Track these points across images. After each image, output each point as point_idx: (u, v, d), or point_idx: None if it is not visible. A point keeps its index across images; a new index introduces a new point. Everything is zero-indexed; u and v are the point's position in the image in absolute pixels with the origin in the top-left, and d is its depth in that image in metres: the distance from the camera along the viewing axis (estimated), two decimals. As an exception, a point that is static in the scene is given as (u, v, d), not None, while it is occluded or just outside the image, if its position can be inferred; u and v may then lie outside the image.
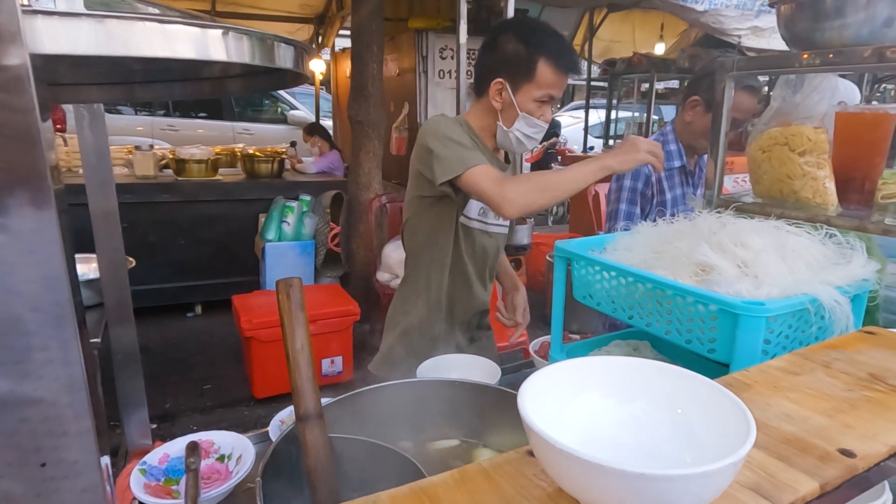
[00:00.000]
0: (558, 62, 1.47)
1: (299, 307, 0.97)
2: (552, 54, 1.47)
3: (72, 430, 0.29)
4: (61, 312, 0.28)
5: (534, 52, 1.47)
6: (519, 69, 1.49)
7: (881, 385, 0.68)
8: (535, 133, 1.56)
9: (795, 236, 1.06)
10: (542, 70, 1.47)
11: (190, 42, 0.48)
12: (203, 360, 3.94)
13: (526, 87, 1.50)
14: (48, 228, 0.27)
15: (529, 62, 1.47)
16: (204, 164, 4.58)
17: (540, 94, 1.50)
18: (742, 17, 4.32)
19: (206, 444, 1.21)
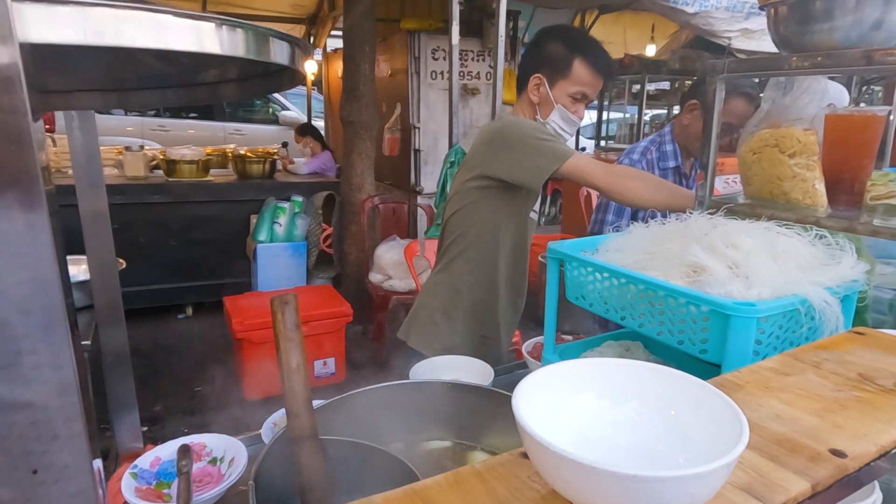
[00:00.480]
0: (594, 63, 1.63)
1: (294, 327, 0.97)
2: (588, 55, 1.63)
3: (63, 434, 0.29)
4: (52, 315, 0.28)
5: (571, 52, 1.63)
6: (557, 66, 1.65)
7: (870, 385, 0.68)
8: (569, 127, 1.71)
9: (786, 237, 1.07)
10: (577, 68, 1.63)
11: (183, 34, 0.47)
12: (194, 361, 3.92)
13: (562, 83, 1.65)
14: (39, 230, 0.27)
15: (567, 60, 1.63)
16: (195, 165, 4.55)
17: (574, 91, 1.65)
18: (732, 19, 4.35)
19: (197, 447, 1.20)
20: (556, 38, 1.69)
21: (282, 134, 8.29)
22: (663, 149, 2.10)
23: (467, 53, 5.04)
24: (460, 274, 1.82)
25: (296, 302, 1.02)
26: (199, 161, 4.59)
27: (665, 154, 2.10)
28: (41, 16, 0.33)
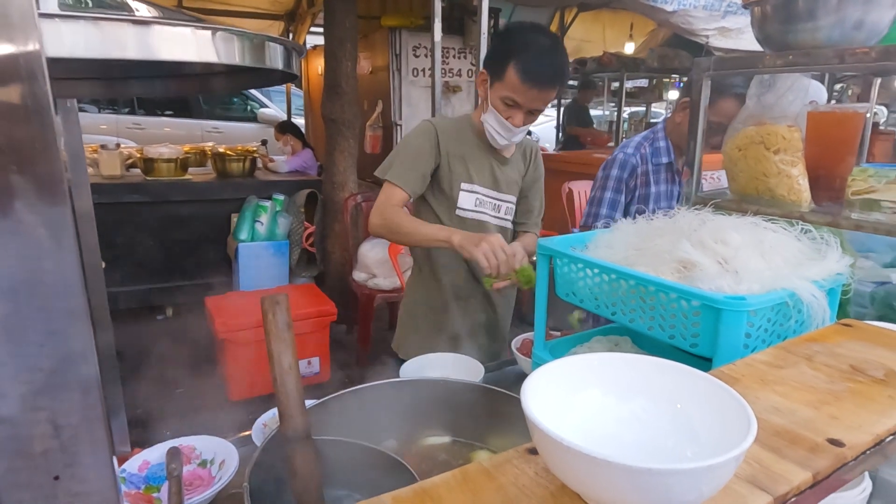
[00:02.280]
0: (523, 70, 1.50)
1: (286, 327, 0.96)
2: (521, 60, 1.50)
3: (85, 437, 0.28)
4: (77, 312, 0.27)
5: (506, 55, 1.53)
6: (496, 66, 1.57)
7: (862, 376, 0.70)
8: (505, 132, 1.61)
9: (773, 232, 1.09)
10: (509, 73, 1.52)
11: (181, 44, 0.46)
12: (175, 363, 3.85)
13: (497, 85, 1.58)
14: (63, 226, 0.26)
15: (504, 62, 1.54)
16: (173, 164, 4.48)
17: (504, 95, 1.56)
18: (710, 18, 4.42)
19: (187, 450, 1.19)
20: (502, 37, 1.64)
21: (261, 132, 8.19)
22: (656, 145, 2.14)
23: (449, 51, 5.04)
24: (413, 277, 1.88)
25: (287, 301, 1.01)
26: (178, 159, 4.51)
27: (658, 150, 2.13)
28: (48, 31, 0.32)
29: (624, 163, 2.14)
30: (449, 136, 1.69)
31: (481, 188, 1.75)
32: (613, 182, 2.15)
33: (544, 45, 1.54)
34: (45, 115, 0.25)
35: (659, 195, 2.16)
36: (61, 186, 0.26)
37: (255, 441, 1.23)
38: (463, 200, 1.73)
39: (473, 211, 1.75)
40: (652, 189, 2.15)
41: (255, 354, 3.20)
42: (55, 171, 0.25)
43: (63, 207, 0.26)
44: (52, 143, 0.25)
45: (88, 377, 0.28)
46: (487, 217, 1.78)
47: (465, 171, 1.71)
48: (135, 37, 0.41)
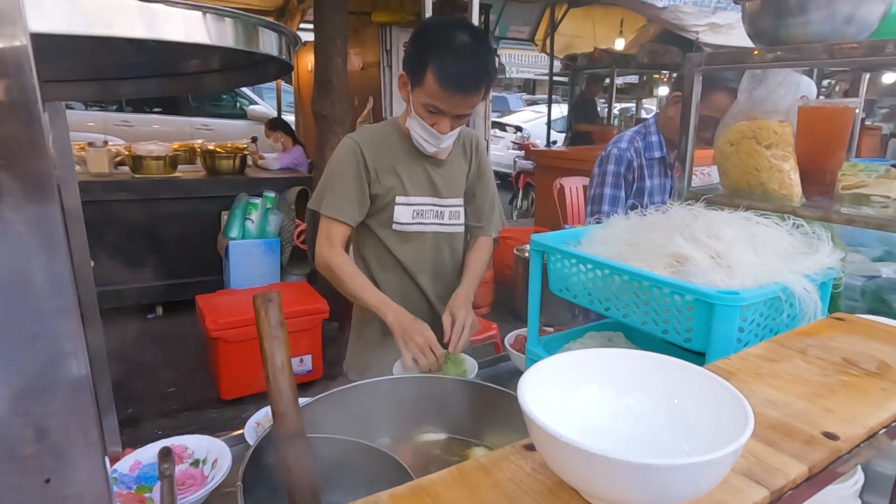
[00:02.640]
0: (442, 74, 1.36)
1: (278, 324, 0.95)
2: (438, 66, 1.37)
3: (77, 440, 0.27)
4: (67, 311, 0.26)
5: (424, 58, 1.39)
6: (414, 70, 1.43)
7: (855, 369, 0.70)
8: (431, 139, 1.50)
9: (765, 227, 1.10)
10: (428, 79, 1.39)
11: (170, 23, 0.45)
12: (166, 362, 3.83)
13: (418, 91, 1.44)
14: (52, 222, 0.25)
15: (422, 66, 1.40)
16: (162, 161, 4.44)
17: (426, 103, 1.43)
18: (700, 14, 4.43)
19: (179, 450, 1.18)
20: (418, 37, 1.45)
21: (250, 129, 8.14)
22: (649, 139, 2.14)
23: (440, 47, 5.01)
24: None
25: (279, 299, 1.01)
26: (167, 157, 4.48)
27: (650, 145, 2.13)
28: (31, 5, 0.31)
29: (619, 157, 2.13)
30: (375, 150, 1.56)
31: (418, 198, 1.61)
32: (612, 178, 2.13)
33: (464, 46, 1.38)
34: (33, 110, 0.24)
35: (653, 189, 2.16)
36: (50, 183, 0.25)
37: (247, 440, 1.23)
38: (399, 214, 1.60)
39: (412, 224, 1.63)
40: (646, 183, 2.15)
41: (247, 353, 3.18)
42: (44, 168, 0.25)
43: (52, 205, 0.25)
44: (40, 138, 0.24)
45: (79, 377, 0.27)
46: (430, 227, 1.65)
47: (398, 184, 1.58)
48: (121, 13, 0.39)
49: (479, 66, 1.39)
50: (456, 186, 1.69)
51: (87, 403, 0.27)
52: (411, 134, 1.53)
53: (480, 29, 1.51)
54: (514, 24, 8.33)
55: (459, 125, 1.51)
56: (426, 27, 1.49)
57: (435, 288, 1.70)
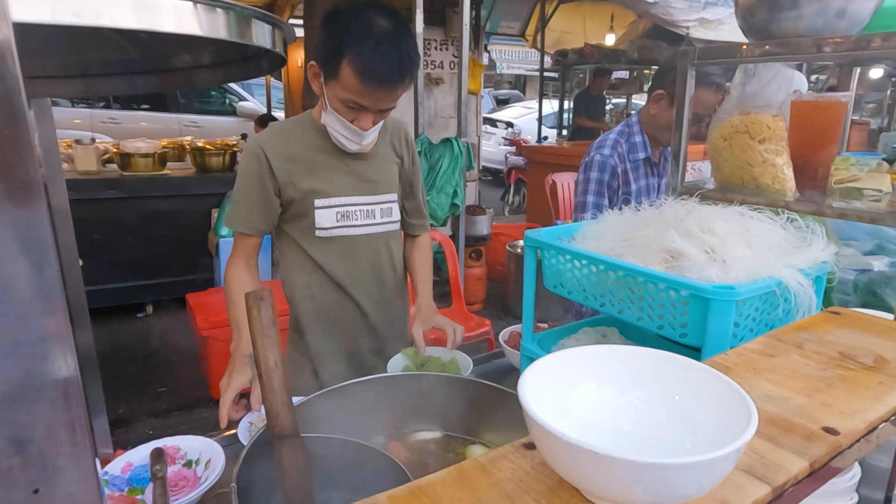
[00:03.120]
0: (360, 71, 1.22)
1: (271, 323, 0.94)
2: (355, 57, 1.22)
3: (66, 446, 0.26)
4: (54, 314, 0.25)
5: (338, 47, 1.23)
6: (328, 61, 1.27)
7: (852, 363, 0.70)
8: (352, 136, 1.36)
9: (759, 221, 1.10)
10: (345, 72, 1.24)
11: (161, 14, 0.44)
12: (156, 361, 3.80)
13: (332, 84, 1.29)
14: (38, 222, 0.24)
15: (336, 56, 1.24)
16: (151, 158, 4.39)
17: (344, 98, 1.28)
18: (690, 9, 4.44)
19: (171, 451, 1.16)
20: (330, 22, 1.28)
21: (240, 125, 8.08)
22: (632, 140, 2.10)
23: (430, 42, 5.00)
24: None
25: (271, 297, 1.00)
26: (156, 154, 4.43)
27: (634, 146, 2.10)
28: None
29: (603, 165, 2.08)
30: (283, 151, 1.40)
31: (341, 198, 1.45)
32: (594, 185, 2.09)
33: (384, 33, 1.23)
34: (16, 103, 0.23)
35: (639, 191, 2.13)
36: (35, 182, 0.24)
37: (241, 440, 1.21)
38: (321, 219, 1.43)
39: (337, 227, 1.46)
40: (633, 186, 2.12)
41: (239, 351, 3.15)
42: (28, 167, 0.23)
43: (38, 206, 0.24)
44: (24, 135, 0.23)
45: (66, 381, 0.26)
46: (358, 229, 1.49)
47: (316, 185, 1.42)
48: (109, 2, 0.38)
49: (402, 56, 1.24)
50: (386, 181, 1.52)
51: (75, 408, 0.26)
52: (328, 130, 1.37)
53: (399, 11, 1.29)
54: (505, 20, 8.32)
55: (382, 118, 1.38)
56: (338, 11, 1.28)
57: (372, 294, 1.55)
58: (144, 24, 0.41)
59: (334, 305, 1.53)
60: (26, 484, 0.25)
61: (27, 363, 0.26)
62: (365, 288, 1.54)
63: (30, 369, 0.26)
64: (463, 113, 3.62)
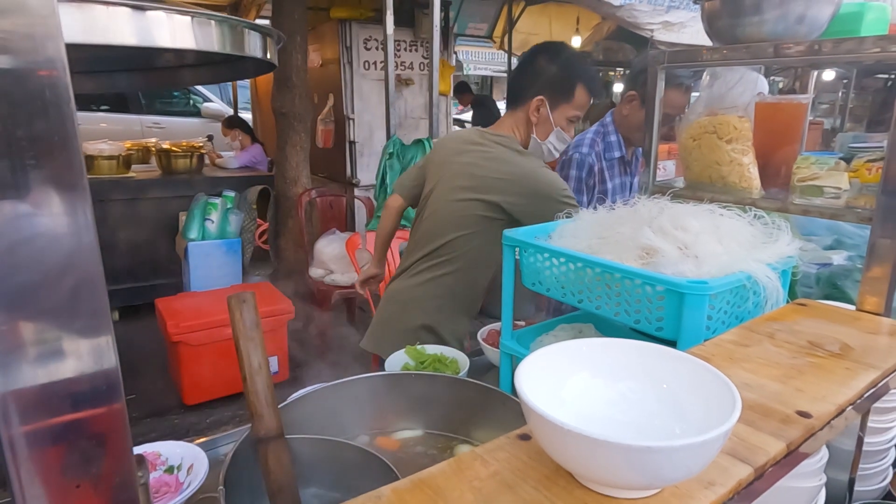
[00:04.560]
0: (593, 87, 1.73)
1: (254, 325, 0.94)
2: (588, 80, 1.71)
3: (109, 440, 0.26)
4: (98, 306, 0.26)
5: (574, 77, 1.70)
6: (560, 89, 1.71)
7: (820, 351, 0.75)
8: (561, 146, 1.80)
9: (728, 219, 1.14)
10: (579, 93, 1.70)
11: (159, 29, 0.44)
12: (124, 368, 3.52)
13: (563, 107, 1.72)
14: (84, 225, 0.24)
15: (570, 84, 1.70)
16: (115, 161, 4.29)
17: (572, 114, 1.73)
18: (654, 12, 4.55)
19: (151, 457, 1.15)
20: (560, 61, 1.73)
21: (205, 127, 7.92)
22: (608, 139, 2.16)
23: (400, 43, 5.00)
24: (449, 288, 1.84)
25: (254, 300, 0.99)
26: (120, 156, 4.32)
27: (610, 145, 2.16)
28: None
29: (581, 162, 2.14)
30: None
31: None
32: (573, 182, 2.14)
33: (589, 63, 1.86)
34: (65, 108, 0.23)
35: (614, 189, 2.19)
36: (82, 181, 0.24)
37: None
38: None
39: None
40: (608, 185, 2.17)
41: (211, 356, 3.11)
42: (75, 165, 0.24)
43: (86, 206, 0.24)
44: (72, 136, 0.24)
45: (110, 372, 0.27)
46: None
47: None
48: (106, 20, 0.39)
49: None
50: None
51: (117, 400, 0.26)
52: (545, 147, 1.78)
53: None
54: (472, 21, 8.36)
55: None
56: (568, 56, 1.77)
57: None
58: (146, 41, 0.42)
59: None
60: (69, 479, 0.26)
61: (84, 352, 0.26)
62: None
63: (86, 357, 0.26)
64: (434, 114, 3.64)
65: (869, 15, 1.28)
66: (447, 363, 1.41)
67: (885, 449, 1.06)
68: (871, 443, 1.01)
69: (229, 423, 3.07)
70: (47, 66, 0.23)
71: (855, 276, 1.36)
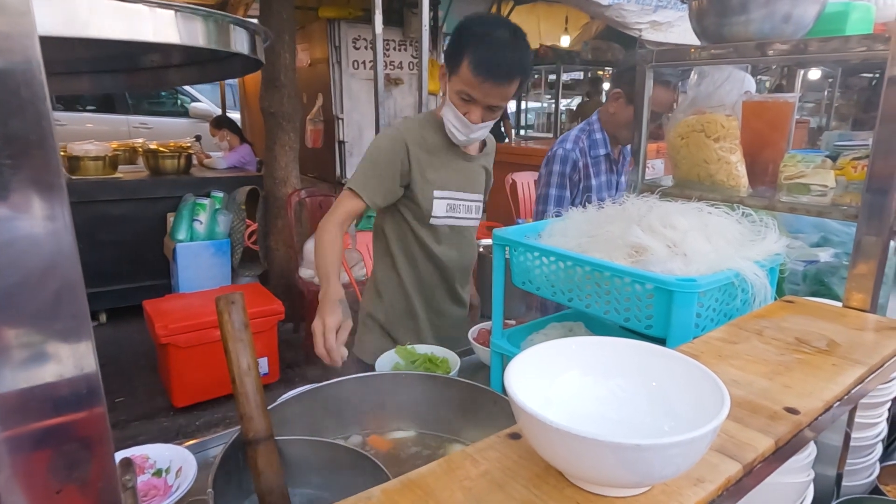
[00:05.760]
0: (475, 62, 1.45)
1: (243, 326, 0.94)
2: (473, 53, 1.46)
3: (91, 445, 0.26)
4: (77, 311, 0.25)
5: (461, 48, 1.49)
6: (452, 59, 1.52)
7: (807, 347, 0.75)
8: (462, 128, 1.56)
9: (716, 216, 1.15)
10: (463, 66, 1.48)
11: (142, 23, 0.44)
12: (112, 371, 3.68)
13: (454, 79, 1.53)
14: (62, 226, 0.24)
15: (459, 55, 1.49)
16: (101, 162, 4.24)
17: (459, 89, 1.51)
18: (642, 12, 4.58)
19: (139, 460, 1.14)
20: (459, 29, 1.56)
21: (193, 127, 7.87)
22: (593, 137, 2.18)
23: (389, 43, 4.99)
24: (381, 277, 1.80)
25: (243, 301, 0.99)
26: (106, 157, 4.28)
27: (595, 142, 2.17)
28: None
29: (564, 158, 2.16)
30: (418, 145, 1.62)
31: (452, 192, 1.70)
32: (557, 178, 2.16)
33: (501, 38, 1.47)
34: (41, 105, 0.23)
35: (600, 186, 2.20)
36: (59, 180, 0.24)
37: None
38: (437, 208, 1.67)
39: (445, 217, 1.70)
40: (593, 181, 2.19)
41: (199, 358, 3.09)
42: (52, 164, 0.24)
43: (63, 206, 0.24)
44: (48, 134, 0.23)
45: (91, 376, 0.26)
46: (460, 221, 1.75)
47: (437, 178, 1.66)
48: (88, 12, 0.38)
49: (513, 57, 1.47)
50: (479, 183, 1.80)
51: (97, 405, 0.26)
52: (444, 123, 1.60)
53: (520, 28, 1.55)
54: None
55: (491, 118, 1.57)
56: (468, 20, 1.57)
57: (460, 279, 1.82)
58: (127, 34, 0.41)
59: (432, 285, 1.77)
60: (49, 485, 0.25)
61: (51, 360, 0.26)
62: (455, 272, 1.80)
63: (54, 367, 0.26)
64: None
65: (854, 14, 1.30)
66: (438, 363, 1.41)
67: (872, 444, 1.07)
68: (858, 438, 1.02)
69: (219, 425, 3.05)
70: (23, 65, 0.22)
71: (841, 273, 1.37)
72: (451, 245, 1.76)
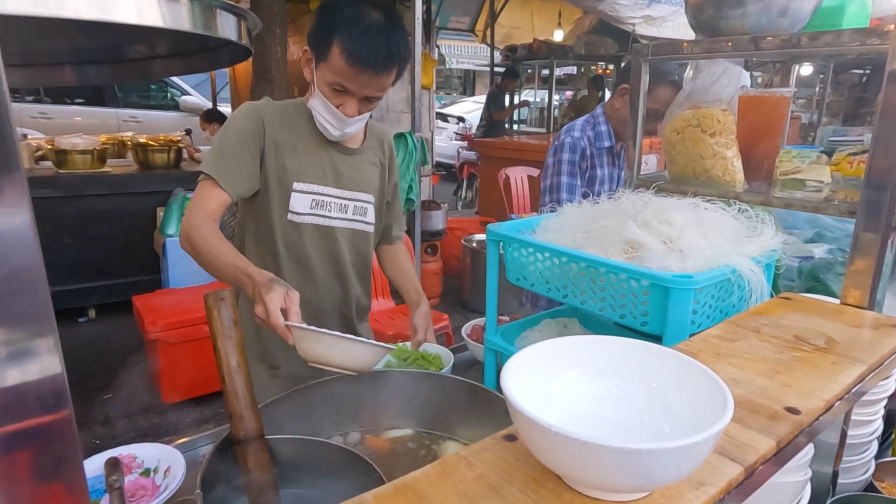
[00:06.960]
0: (348, 52, 1.26)
1: (232, 324, 0.92)
2: (345, 40, 1.27)
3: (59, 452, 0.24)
4: (41, 311, 0.23)
5: (329, 32, 1.29)
6: (318, 46, 1.32)
7: (806, 345, 0.74)
8: (336, 122, 1.37)
9: (712, 212, 1.14)
10: (334, 54, 1.29)
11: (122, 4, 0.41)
12: (101, 367, 3.64)
13: (322, 67, 1.33)
14: (21, 221, 0.22)
15: (327, 40, 1.29)
16: (89, 155, 4.19)
17: (331, 81, 1.32)
18: (636, 6, 4.56)
19: (127, 459, 1.11)
20: (324, 8, 1.34)
21: (183, 121, 7.79)
22: (598, 129, 2.18)
23: (381, 36, 4.94)
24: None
25: (232, 297, 0.97)
26: (94, 151, 4.22)
27: (600, 134, 2.17)
28: None
29: (573, 146, 2.15)
30: (277, 125, 1.40)
31: (319, 187, 1.44)
32: (567, 166, 2.15)
33: (375, 22, 1.29)
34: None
35: (603, 178, 2.20)
36: (18, 172, 0.22)
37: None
38: (295, 203, 1.42)
39: (310, 214, 1.44)
40: (597, 172, 2.19)
41: (190, 354, 3.06)
42: (11, 153, 0.22)
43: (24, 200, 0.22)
44: (5, 121, 0.21)
45: (56, 378, 0.24)
46: (331, 221, 1.47)
47: (297, 168, 1.41)
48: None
49: (390, 45, 1.29)
50: (365, 181, 1.52)
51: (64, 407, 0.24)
52: (314, 115, 1.38)
53: (393, 8, 1.38)
54: (454, 15, 8.33)
55: (368, 109, 1.39)
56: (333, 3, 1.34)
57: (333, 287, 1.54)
58: (104, 14, 0.39)
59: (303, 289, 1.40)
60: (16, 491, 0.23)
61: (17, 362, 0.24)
62: (325, 279, 1.51)
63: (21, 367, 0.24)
64: (416, 108, 3.61)
65: (850, 9, 1.29)
66: (430, 359, 1.40)
67: (868, 441, 1.07)
68: (855, 435, 1.02)
69: (210, 422, 3.03)
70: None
71: (836, 269, 1.37)
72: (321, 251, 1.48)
